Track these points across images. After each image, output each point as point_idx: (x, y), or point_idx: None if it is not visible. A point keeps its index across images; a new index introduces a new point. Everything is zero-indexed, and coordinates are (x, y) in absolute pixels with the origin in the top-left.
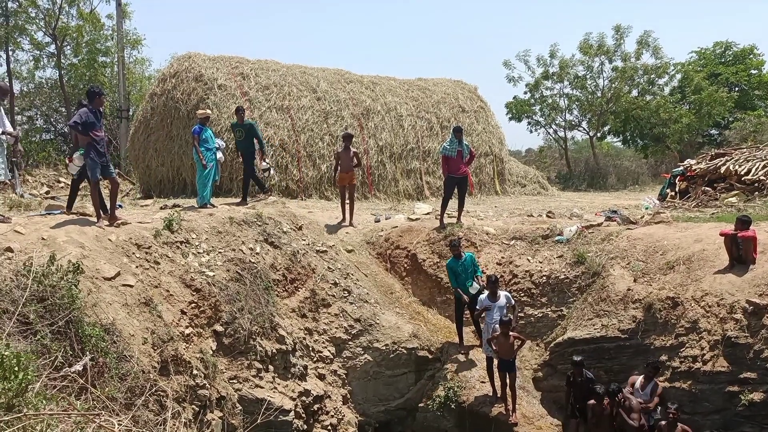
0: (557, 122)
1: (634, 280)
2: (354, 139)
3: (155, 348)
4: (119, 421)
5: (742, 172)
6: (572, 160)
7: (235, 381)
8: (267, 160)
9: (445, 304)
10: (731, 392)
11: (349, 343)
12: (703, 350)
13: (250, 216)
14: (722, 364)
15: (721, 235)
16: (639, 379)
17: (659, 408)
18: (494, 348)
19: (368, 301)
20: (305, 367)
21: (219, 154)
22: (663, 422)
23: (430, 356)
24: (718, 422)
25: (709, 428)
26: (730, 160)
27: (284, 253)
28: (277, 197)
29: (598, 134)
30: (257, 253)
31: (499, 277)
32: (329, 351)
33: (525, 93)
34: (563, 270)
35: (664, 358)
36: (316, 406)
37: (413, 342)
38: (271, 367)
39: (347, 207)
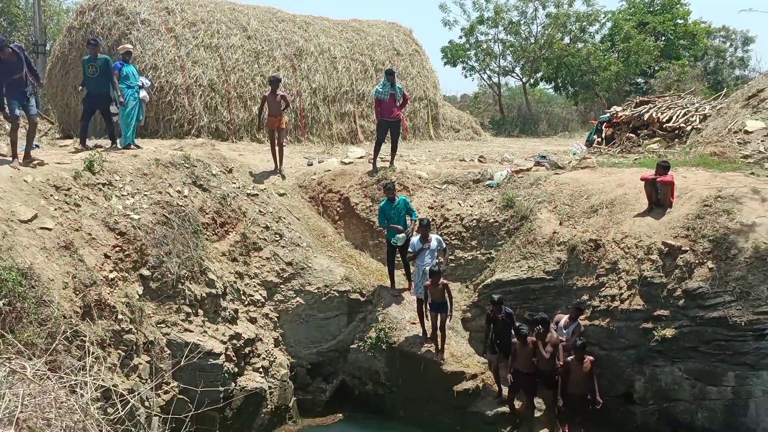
0: (491, 68)
1: (560, 224)
2: (286, 81)
3: (77, 293)
4: (32, 364)
5: (664, 120)
6: (505, 107)
7: (163, 325)
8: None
9: (378, 247)
10: (646, 329)
11: (281, 286)
12: (621, 290)
13: (178, 158)
14: (638, 302)
15: (642, 179)
16: (564, 318)
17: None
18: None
19: (300, 244)
20: (236, 311)
21: (143, 93)
22: (571, 357)
23: (362, 299)
24: (633, 357)
25: (624, 363)
26: (654, 107)
27: (213, 197)
28: (206, 139)
29: (531, 81)
30: (185, 196)
31: (430, 220)
32: (260, 295)
33: (460, 37)
34: (493, 214)
35: (585, 297)
36: (247, 349)
37: (345, 285)
38: (200, 311)
39: (277, 151)
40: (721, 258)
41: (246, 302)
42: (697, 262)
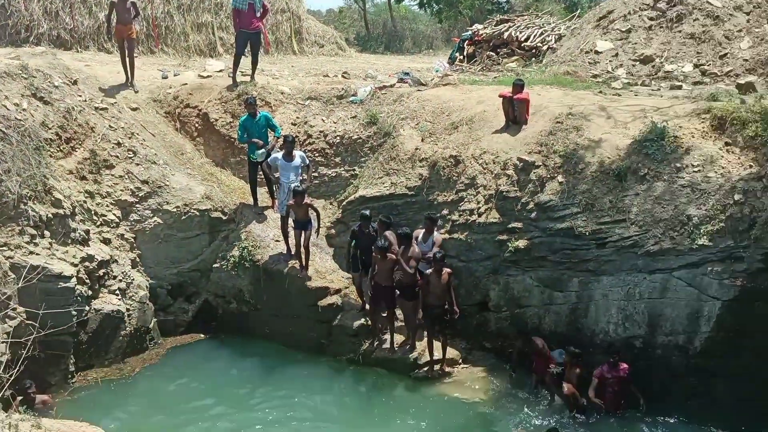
0: None
1: (422, 140)
2: None
3: None
4: None
5: (522, 39)
6: (371, 23)
7: (5, 248)
8: None
9: (239, 165)
10: (501, 240)
11: (137, 206)
12: (479, 204)
13: (14, 68)
14: (494, 216)
15: (500, 97)
16: (421, 233)
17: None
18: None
19: (156, 162)
20: (87, 232)
21: None
22: (429, 270)
23: (224, 217)
24: (489, 267)
25: (481, 273)
26: (513, 26)
27: (57, 110)
28: (47, 47)
29: None
30: (24, 110)
31: (294, 137)
32: (114, 215)
33: None
34: (356, 130)
35: (445, 212)
36: (101, 272)
37: (206, 204)
38: (47, 233)
39: (127, 63)
40: (570, 172)
41: (98, 223)
42: (548, 176)
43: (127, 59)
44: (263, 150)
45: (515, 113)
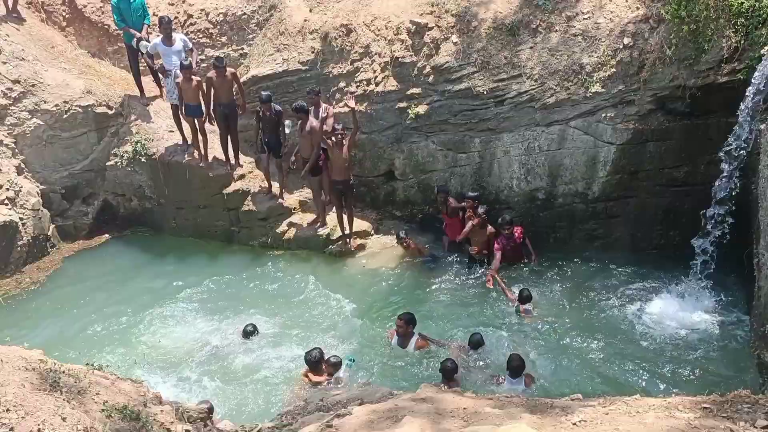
0: None
1: (310, 11)
2: None
3: None
4: None
5: None
6: None
7: None
8: None
9: (118, 54)
10: (401, 108)
11: (11, 108)
12: (376, 73)
13: None
14: (392, 83)
15: None
16: (322, 108)
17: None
18: (180, 95)
19: (26, 58)
20: None
21: None
22: (333, 138)
23: (109, 112)
24: (392, 137)
25: (384, 143)
26: None
27: None
28: None
29: None
30: None
31: (172, 18)
32: None
33: None
34: (240, 6)
35: (342, 84)
36: None
37: (88, 99)
38: None
39: None
40: (463, 31)
41: None
42: (442, 37)
43: None
44: (145, 42)
45: None
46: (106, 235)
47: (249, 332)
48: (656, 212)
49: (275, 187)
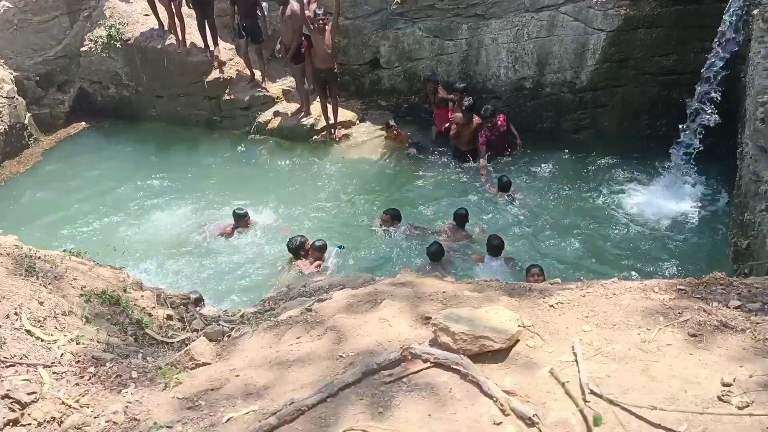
0: None
1: None
2: None
3: None
4: None
5: None
6: None
7: None
8: None
9: None
10: None
11: None
12: None
13: None
14: None
15: None
16: None
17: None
18: None
19: None
20: None
21: None
22: (314, 24)
23: None
24: (377, 23)
25: (369, 30)
26: None
27: None
28: None
29: None
30: None
31: None
32: None
33: None
34: None
35: None
36: None
37: None
38: None
39: None
40: None
41: None
42: None
43: None
44: None
45: None
46: (83, 123)
47: (239, 215)
48: (644, 102)
49: (257, 74)
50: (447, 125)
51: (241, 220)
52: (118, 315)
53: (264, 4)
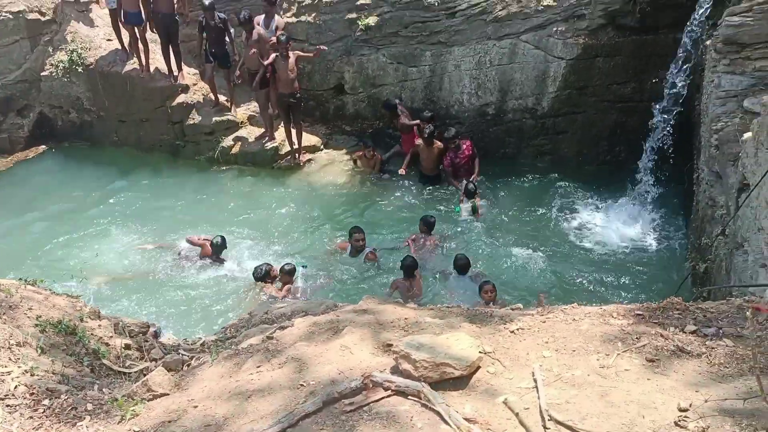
0: None
1: None
2: None
3: None
4: None
5: None
6: None
7: None
8: None
9: None
10: (350, 19)
11: None
12: None
13: None
14: None
15: None
16: (262, 18)
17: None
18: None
19: None
20: None
21: None
22: (275, 55)
23: (42, 18)
24: (341, 49)
25: (334, 56)
26: None
27: None
28: None
29: None
30: None
31: None
32: None
33: None
34: None
35: None
36: None
37: (18, 4)
38: None
39: None
40: None
41: None
42: None
43: None
44: None
45: None
46: (43, 147)
47: (218, 245)
48: (603, 128)
49: (222, 99)
50: (404, 166)
51: (267, 275)
52: (74, 345)
53: (231, 30)
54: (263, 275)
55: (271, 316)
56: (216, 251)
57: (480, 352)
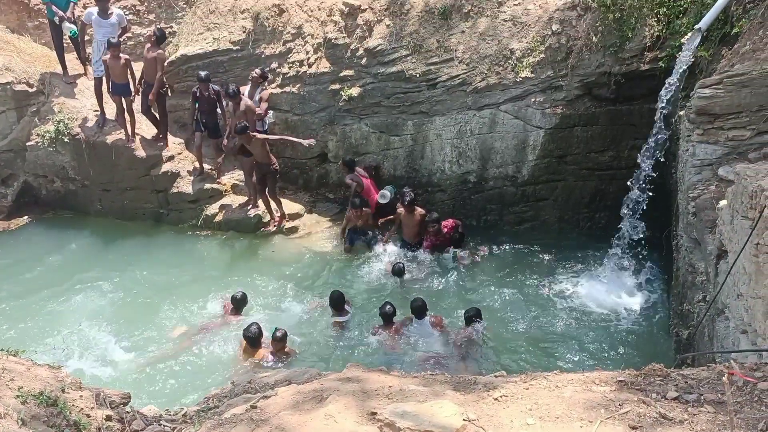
0: None
1: None
2: None
3: None
4: None
5: None
6: None
7: None
8: None
9: (39, 29)
10: (334, 90)
11: None
12: (308, 54)
13: None
14: (325, 65)
15: None
16: (247, 89)
17: (270, 113)
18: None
19: None
20: None
21: None
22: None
23: (30, 90)
24: (325, 119)
25: (317, 125)
26: None
27: None
28: None
29: None
30: None
31: None
32: None
33: None
34: None
35: (275, 65)
36: None
37: (6, 76)
38: None
39: None
40: (396, 14)
41: None
42: (376, 20)
43: None
44: (72, 26)
45: None
46: (26, 217)
47: (237, 300)
48: (583, 195)
49: (206, 168)
50: (386, 236)
51: (257, 339)
52: (55, 417)
53: (224, 102)
54: (255, 337)
55: (254, 386)
56: (237, 306)
57: (464, 419)
